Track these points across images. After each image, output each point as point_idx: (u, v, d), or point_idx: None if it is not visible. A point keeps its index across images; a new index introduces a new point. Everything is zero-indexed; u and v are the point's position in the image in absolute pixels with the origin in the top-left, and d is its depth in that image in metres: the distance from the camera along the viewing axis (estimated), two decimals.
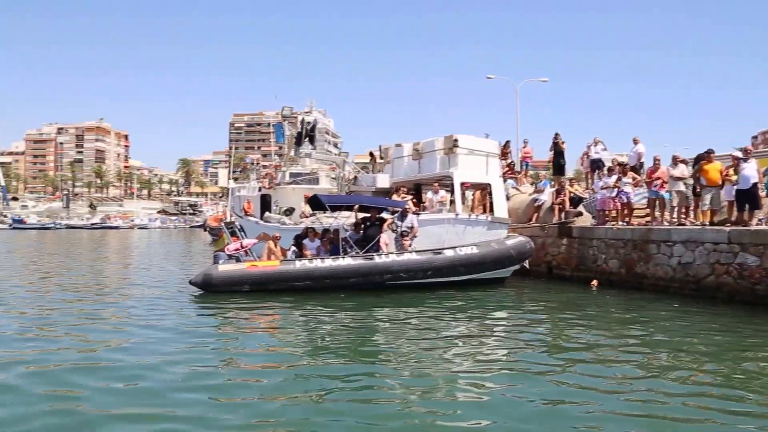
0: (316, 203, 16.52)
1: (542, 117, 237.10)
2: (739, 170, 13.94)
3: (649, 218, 16.62)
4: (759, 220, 14.08)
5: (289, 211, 24.03)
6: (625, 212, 16.92)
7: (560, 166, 22.56)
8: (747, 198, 13.88)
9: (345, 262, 14.59)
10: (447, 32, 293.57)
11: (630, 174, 17.28)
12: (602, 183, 17.71)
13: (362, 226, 16.04)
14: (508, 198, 19.96)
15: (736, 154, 14.44)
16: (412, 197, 19.17)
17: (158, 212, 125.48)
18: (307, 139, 24.11)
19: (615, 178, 17.05)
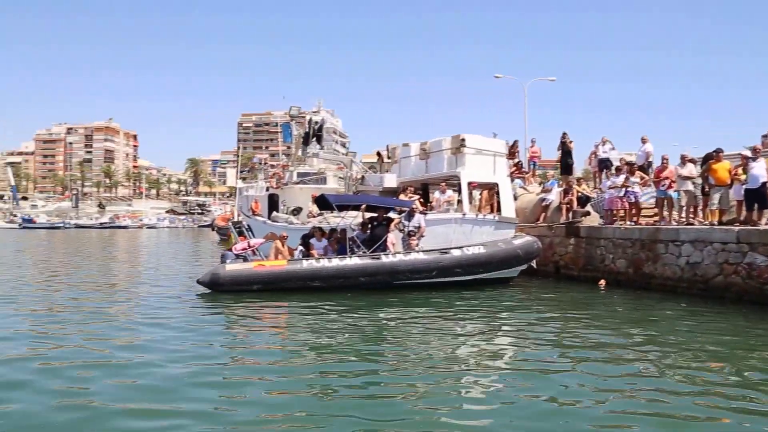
0: (324, 203, 16.54)
1: (550, 116, 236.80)
2: (748, 169, 13.89)
3: (658, 218, 16.57)
4: None
5: (297, 211, 24.06)
6: (633, 212, 16.87)
7: (568, 166, 22.52)
8: (756, 197, 13.82)
9: (352, 262, 14.59)
10: (453, 32, 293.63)
11: (638, 173, 17.23)
12: (610, 182, 17.67)
13: (369, 226, 16.04)
14: (516, 198, 19.92)
15: (745, 153, 14.37)
16: (420, 197, 19.17)
17: (167, 212, 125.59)
18: (315, 139, 24.12)
19: (623, 178, 16.99)
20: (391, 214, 16.47)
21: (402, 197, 18.15)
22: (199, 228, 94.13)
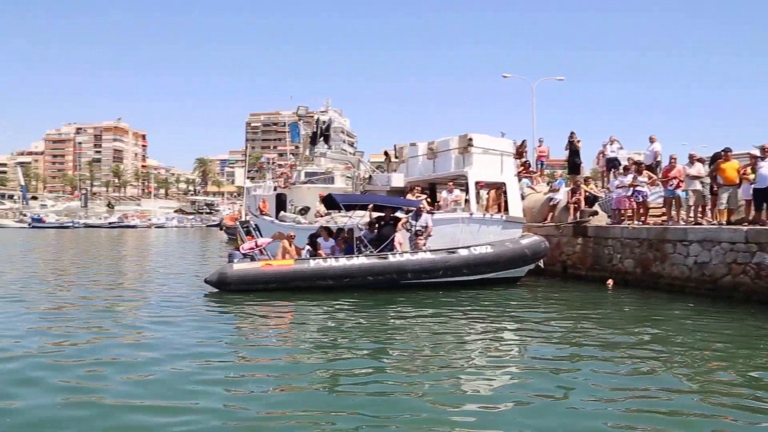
0: (331, 202, 16.56)
1: (558, 116, 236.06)
2: (757, 169, 13.83)
3: (666, 217, 16.51)
4: None
5: (304, 211, 24.09)
6: (641, 211, 16.82)
7: (576, 165, 22.47)
8: (765, 197, 13.75)
9: (359, 261, 14.60)
10: (460, 32, 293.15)
11: (646, 173, 17.18)
12: (618, 182, 17.62)
13: (377, 226, 16.05)
14: (523, 197, 19.89)
15: (754, 153, 14.30)
16: (427, 196, 19.17)
17: (175, 211, 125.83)
18: (322, 139, 24.14)
19: (631, 177, 16.95)
20: (399, 214, 16.47)
21: (409, 197, 18.15)
22: (208, 228, 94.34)
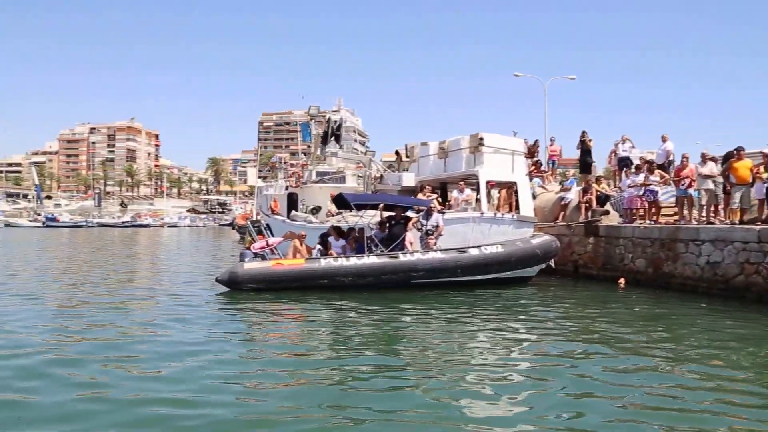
0: (342, 202, 16.60)
1: (570, 115, 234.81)
2: None
3: (678, 217, 16.43)
4: None
5: (316, 210, 24.14)
6: (653, 211, 16.74)
7: (587, 165, 22.39)
8: None
9: (370, 261, 14.62)
10: (472, 31, 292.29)
11: (657, 172, 17.10)
12: (629, 181, 17.55)
13: (387, 225, 16.07)
14: (535, 196, 19.86)
15: (767, 152, 14.21)
16: (438, 196, 19.17)
17: (188, 211, 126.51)
18: (334, 138, 24.18)
19: (643, 177, 16.87)
20: (409, 213, 16.48)
21: (420, 196, 18.16)
22: (220, 227, 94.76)
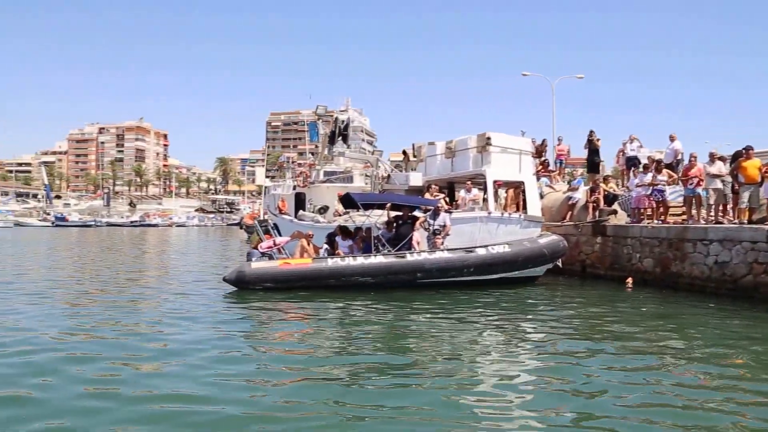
0: (349, 201, 16.62)
1: (578, 115, 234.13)
2: None
3: (686, 216, 16.37)
4: None
5: (323, 210, 24.21)
6: (661, 210, 16.69)
7: (595, 164, 22.32)
8: None
9: (377, 260, 14.63)
10: (479, 31, 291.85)
11: (665, 171, 17.04)
12: (637, 180, 17.49)
13: (394, 225, 16.06)
14: (542, 196, 19.83)
15: None
16: (445, 195, 19.17)
17: (196, 210, 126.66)
18: (341, 138, 24.24)
19: (650, 176, 16.81)
20: (417, 213, 16.48)
21: (427, 196, 18.16)
22: (228, 226, 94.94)
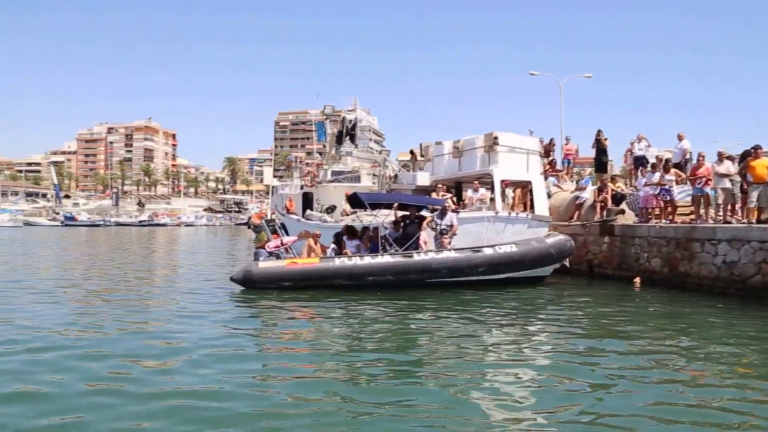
0: (356, 201, 16.63)
1: (587, 114, 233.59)
2: None
3: (694, 216, 16.31)
4: None
5: (331, 209, 24.25)
6: (669, 210, 16.63)
7: (602, 164, 22.23)
8: None
9: (384, 260, 14.64)
10: (487, 31, 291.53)
11: (673, 171, 16.98)
12: (645, 180, 17.44)
13: (402, 224, 16.07)
14: (550, 196, 19.80)
15: None
16: (452, 195, 19.16)
17: (204, 210, 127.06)
18: (348, 138, 24.25)
19: (658, 175, 16.76)
20: (424, 213, 16.48)
21: (434, 195, 18.16)
22: (236, 226, 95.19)
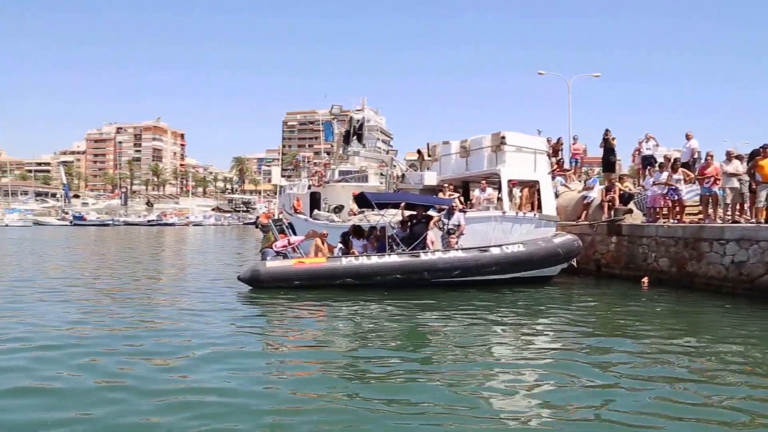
0: (363, 201, 16.64)
1: (595, 114, 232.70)
2: None
3: (702, 216, 16.24)
4: None
5: (338, 209, 24.24)
6: (677, 210, 16.57)
7: (610, 163, 22.16)
8: None
9: (391, 260, 14.64)
10: (494, 31, 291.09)
11: (681, 170, 16.92)
12: (653, 179, 17.39)
13: (409, 224, 16.07)
14: (557, 195, 19.76)
15: None
16: (459, 195, 19.15)
17: (213, 209, 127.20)
18: (356, 137, 24.26)
19: (666, 175, 16.70)
20: (431, 212, 16.47)
21: (441, 195, 18.15)
22: (244, 225, 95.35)
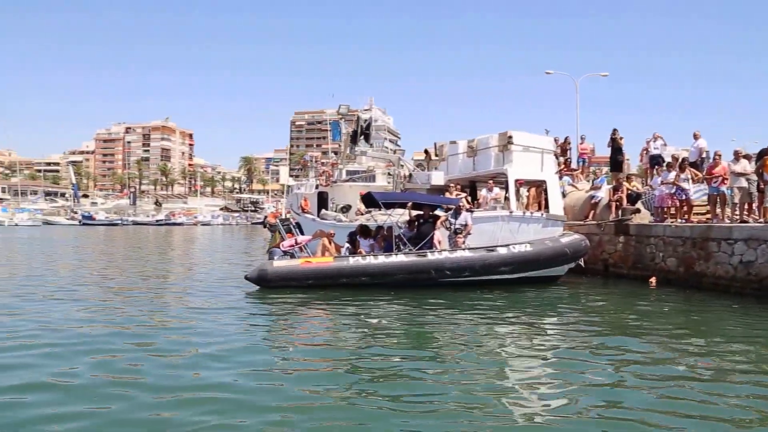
0: (370, 201, 16.65)
1: (603, 114, 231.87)
2: None
3: (710, 215, 16.20)
4: None
5: (346, 209, 24.23)
6: (684, 209, 16.53)
7: (618, 163, 22.15)
8: None
9: (398, 259, 14.66)
10: (501, 31, 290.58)
11: (689, 170, 16.88)
12: (661, 179, 17.34)
13: (416, 224, 16.08)
14: (564, 195, 19.72)
15: None
16: (467, 194, 19.14)
17: (221, 209, 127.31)
18: (363, 137, 24.26)
19: (674, 174, 16.66)
20: (438, 212, 16.47)
21: (447, 195, 18.15)
22: (252, 225, 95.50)
